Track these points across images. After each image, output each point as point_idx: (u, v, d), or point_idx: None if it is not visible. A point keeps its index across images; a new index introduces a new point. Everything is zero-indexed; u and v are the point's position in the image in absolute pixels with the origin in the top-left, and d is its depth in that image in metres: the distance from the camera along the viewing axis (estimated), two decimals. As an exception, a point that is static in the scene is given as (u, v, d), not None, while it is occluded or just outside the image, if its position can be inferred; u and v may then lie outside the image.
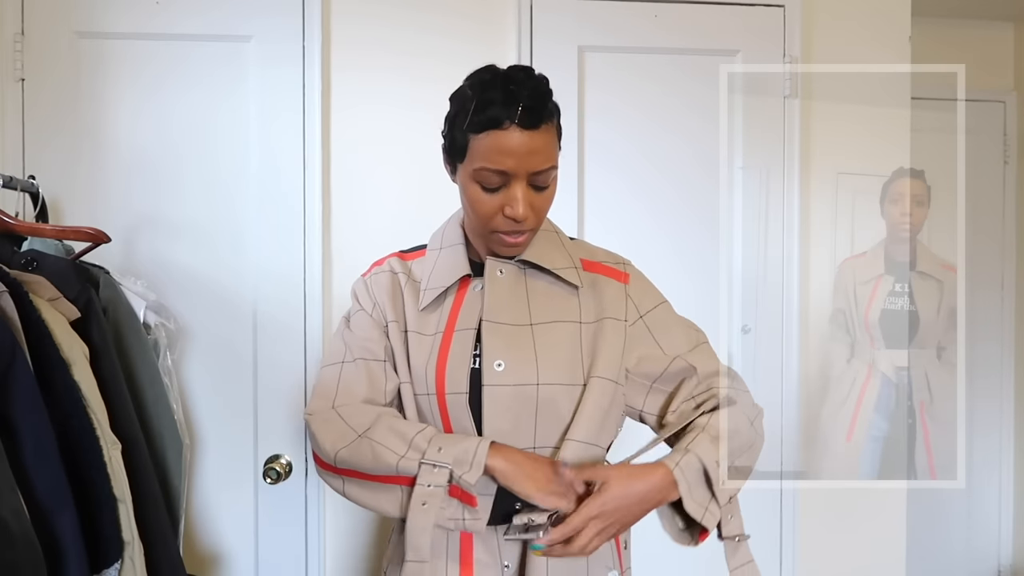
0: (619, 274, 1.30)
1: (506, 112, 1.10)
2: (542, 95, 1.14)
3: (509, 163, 1.12)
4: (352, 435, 1.17)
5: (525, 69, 1.16)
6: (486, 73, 1.16)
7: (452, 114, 1.19)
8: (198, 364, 1.85)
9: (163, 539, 1.33)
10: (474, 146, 1.14)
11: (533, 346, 1.20)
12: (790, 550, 2.05)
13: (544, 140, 1.13)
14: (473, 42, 1.93)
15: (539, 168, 1.14)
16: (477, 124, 1.12)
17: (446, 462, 1.11)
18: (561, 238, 1.31)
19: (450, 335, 1.21)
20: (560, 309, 1.24)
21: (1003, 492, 3.10)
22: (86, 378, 1.20)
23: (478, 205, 1.17)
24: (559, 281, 1.25)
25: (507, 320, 1.21)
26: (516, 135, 1.11)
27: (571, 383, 1.19)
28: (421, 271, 1.29)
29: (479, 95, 1.13)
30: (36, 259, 1.34)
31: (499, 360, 1.18)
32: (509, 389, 1.17)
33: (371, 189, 1.91)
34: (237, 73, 1.86)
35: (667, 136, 1.99)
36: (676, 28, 1.98)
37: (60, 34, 1.81)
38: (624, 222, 1.98)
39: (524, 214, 1.15)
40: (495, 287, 1.23)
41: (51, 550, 1.06)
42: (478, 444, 1.13)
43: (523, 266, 1.26)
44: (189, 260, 1.85)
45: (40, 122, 1.81)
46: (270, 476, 1.80)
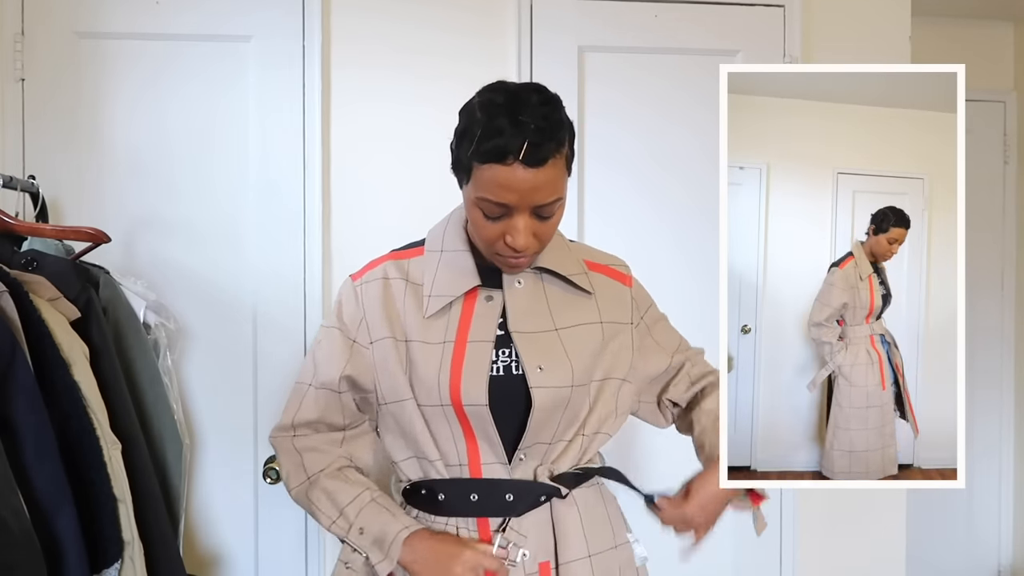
0: (623, 277, 1.34)
1: (511, 146, 1.07)
2: (552, 126, 1.09)
3: (511, 198, 1.10)
4: (303, 476, 1.25)
5: (538, 91, 1.13)
6: (498, 94, 1.12)
7: (459, 131, 1.15)
8: (198, 364, 1.85)
9: (163, 539, 1.33)
10: (477, 174, 1.11)
11: (564, 351, 1.22)
12: (790, 550, 2.05)
13: (550, 176, 1.10)
14: (473, 37, 1.93)
15: (543, 202, 1.12)
16: (481, 154, 1.09)
17: (363, 547, 1.18)
18: (564, 241, 1.31)
19: (463, 346, 1.20)
20: (580, 312, 1.26)
21: (1003, 492, 3.10)
22: (86, 378, 1.20)
23: (480, 230, 1.16)
24: (574, 286, 1.26)
25: (533, 328, 1.22)
26: (520, 172, 1.08)
27: (591, 381, 1.25)
28: (421, 273, 1.25)
29: (486, 122, 1.09)
30: (36, 259, 1.34)
31: (540, 364, 1.19)
32: (551, 391, 1.19)
33: (371, 188, 1.91)
34: (237, 72, 1.86)
35: (667, 135, 1.99)
36: (676, 28, 1.98)
37: (60, 34, 1.81)
38: (624, 222, 1.99)
39: (524, 245, 1.13)
40: (515, 299, 1.23)
41: (51, 550, 1.06)
42: (396, 534, 1.17)
43: (539, 272, 1.26)
44: (189, 260, 1.85)
45: (40, 122, 1.81)
46: (270, 476, 1.80)
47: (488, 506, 1.21)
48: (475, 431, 1.20)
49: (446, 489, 1.23)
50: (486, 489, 1.21)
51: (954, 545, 3.06)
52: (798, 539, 2.05)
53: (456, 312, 1.22)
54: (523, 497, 1.21)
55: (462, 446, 1.21)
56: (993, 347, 3.04)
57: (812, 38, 2.05)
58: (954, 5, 2.86)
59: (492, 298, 1.23)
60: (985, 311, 3.00)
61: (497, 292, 1.23)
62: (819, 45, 2.06)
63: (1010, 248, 3.06)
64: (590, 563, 1.22)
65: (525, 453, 1.21)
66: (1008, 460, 3.09)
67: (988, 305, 3.02)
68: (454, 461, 1.22)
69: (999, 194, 3.05)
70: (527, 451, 1.21)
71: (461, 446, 1.21)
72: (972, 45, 2.99)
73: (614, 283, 1.32)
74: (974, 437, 2.96)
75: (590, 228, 1.98)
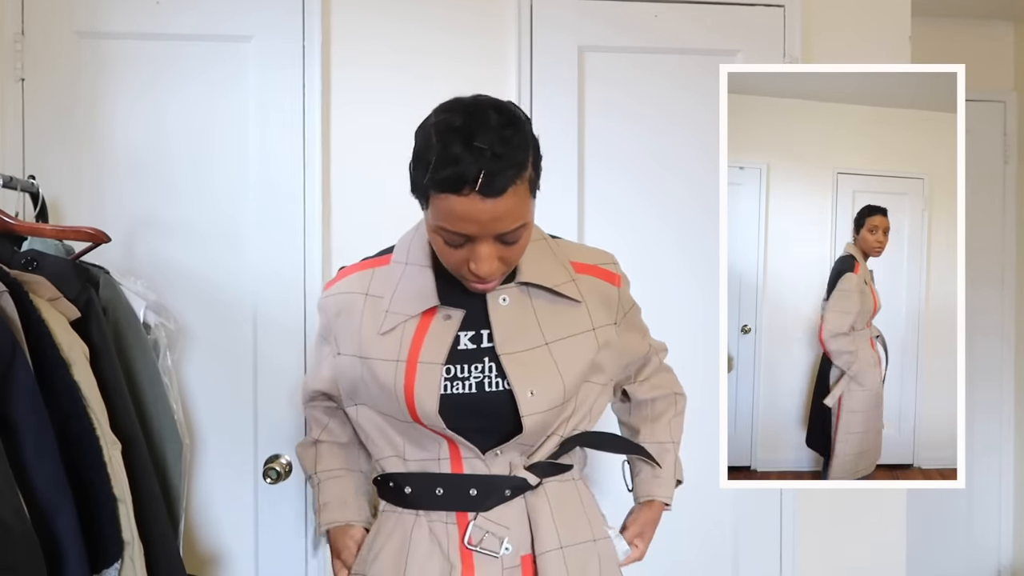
0: (612, 276, 1.31)
1: (467, 176, 1.01)
2: (511, 151, 1.03)
3: (471, 229, 1.06)
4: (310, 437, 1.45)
5: (497, 109, 1.06)
6: (455, 116, 1.05)
7: (415, 154, 1.11)
8: (198, 364, 1.85)
9: (163, 539, 1.33)
10: (434, 203, 1.07)
11: (556, 366, 1.20)
12: (790, 550, 2.05)
13: (509, 204, 1.04)
14: (474, 37, 1.93)
15: (505, 231, 1.07)
16: (437, 184, 1.04)
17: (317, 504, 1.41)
18: (549, 244, 1.27)
19: (414, 367, 1.18)
20: (571, 322, 1.24)
21: (1003, 492, 3.10)
22: (86, 378, 1.20)
23: (443, 256, 1.13)
24: (562, 296, 1.24)
25: (522, 347, 1.20)
26: (477, 204, 1.02)
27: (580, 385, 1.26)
28: (383, 285, 1.24)
29: (440, 149, 1.03)
30: (36, 259, 1.34)
31: (531, 388, 1.18)
32: (542, 416, 1.19)
33: (371, 188, 1.91)
34: (237, 72, 1.86)
35: (668, 135, 1.99)
36: (676, 28, 1.98)
37: (60, 34, 1.81)
38: (625, 222, 1.99)
39: (489, 272, 1.10)
40: (501, 317, 1.20)
41: (51, 550, 1.06)
42: (321, 522, 1.39)
43: (525, 287, 1.23)
44: (189, 260, 1.85)
45: (40, 122, 1.81)
46: (270, 476, 1.80)
47: (453, 500, 1.21)
48: (449, 437, 1.21)
49: (412, 483, 1.24)
50: (450, 483, 1.22)
51: (954, 545, 3.06)
52: (798, 539, 2.05)
53: (410, 330, 1.20)
54: (488, 492, 1.21)
55: (443, 445, 1.23)
56: (993, 347, 3.04)
57: (812, 38, 2.05)
58: (954, 5, 2.86)
59: (450, 317, 1.20)
60: (985, 310, 3.00)
61: (457, 312, 1.20)
62: (819, 45, 2.06)
63: (1010, 248, 3.06)
64: (562, 554, 1.21)
65: (501, 449, 1.21)
66: (1008, 460, 3.09)
67: (988, 304, 3.02)
68: (433, 455, 1.23)
69: (999, 194, 3.05)
70: (504, 448, 1.21)
71: (443, 446, 1.23)
72: (972, 45, 2.99)
73: (602, 284, 1.28)
74: (974, 437, 2.96)
75: (590, 228, 1.98)
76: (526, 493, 1.22)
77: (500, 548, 1.19)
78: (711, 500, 1.99)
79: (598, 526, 1.30)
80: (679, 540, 1.97)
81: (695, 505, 2.00)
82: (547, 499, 1.23)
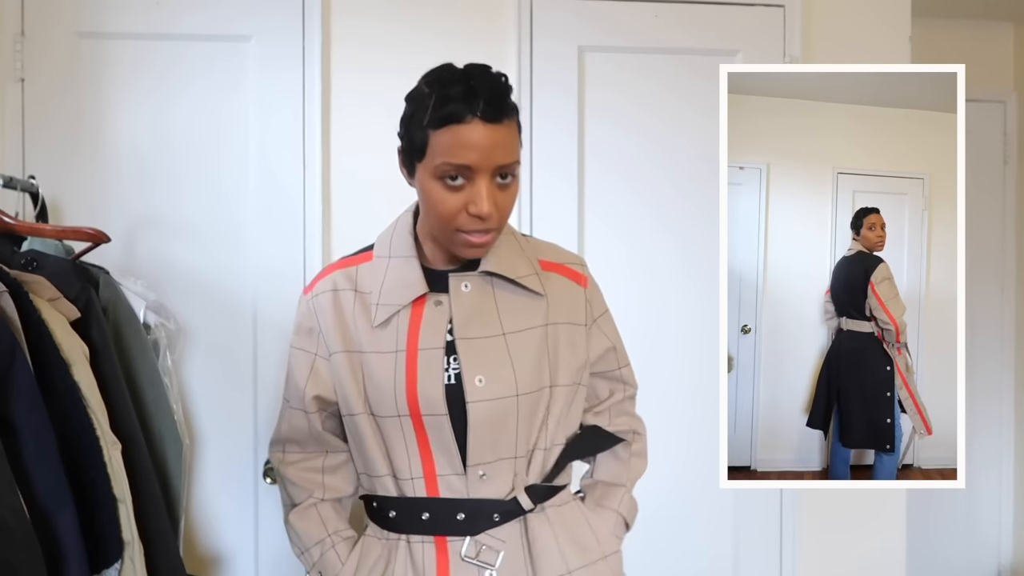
0: (579, 276, 1.30)
1: (468, 106, 1.08)
2: (503, 91, 1.12)
3: (472, 157, 1.09)
4: (287, 505, 1.34)
5: (483, 67, 1.14)
6: (444, 71, 1.14)
7: (409, 113, 1.16)
8: (198, 364, 1.85)
9: (163, 539, 1.32)
10: (434, 142, 1.11)
11: (509, 357, 1.19)
12: (790, 550, 2.05)
13: (507, 134, 1.12)
14: (474, 38, 1.93)
15: (503, 162, 1.11)
16: (438, 120, 1.10)
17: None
18: (517, 239, 1.28)
19: (415, 354, 1.18)
20: (529, 316, 1.23)
21: (1003, 492, 3.10)
22: (86, 378, 1.19)
23: (440, 205, 1.13)
24: (524, 288, 1.23)
25: (479, 334, 1.19)
26: (479, 129, 1.09)
27: (541, 387, 1.22)
28: (370, 281, 1.24)
29: (438, 91, 1.11)
30: (36, 259, 1.34)
31: (479, 376, 1.17)
32: (490, 404, 1.17)
33: (371, 188, 1.91)
34: (237, 72, 1.86)
35: (668, 135, 1.99)
36: (676, 28, 1.98)
37: (60, 34, 1.81)
38: (624, 222, 1.99)
39: (489, 211, 1.11)
40: (461, 303, 1.20)
41: (51, 550, 1.05)
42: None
43: (487, 276, 1.22)
44: (189, 260, 1.85)
45: (40, 122, 1.81)
46: (270, 476, 1.80)
47: (440, 525, 1.19)
48: (431, 441, 1.19)
49: (397, 507, 1.22)
50: (437, 508, 1.19)
51: (954, 545, 3.06)
52: (798, 539, 2.05)
53: (405, 319, 1.20)
54: (476, 516, 1.19)
55: (416, 459, 1.19)
56: (993, 346, 3.04)
57: (812, 38, 2.05)
58: (954, 5, 2.86)
59: (441, 303, 1.20)
60: (985, 310, 3.00)
61: (445, 297, 1.21)
62: (819, 45, 2.06)
63: (1010, 248, 3.06)
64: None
65: (485, 470, 1.18)
66: (1008, 460, 3.09)
67: (988, 304, 3.02)
68: (406, 475, 1.20)
69: (999, 194, 3.05)
70: (488, 468, 1.18)
71: (415, 459, 1.19)
72: (972, 45, 2.99)
73: (568, 283, 1.28)
74: (974, 437, 2.96)
75: (590, 228, 1.98)
76: (525, 517, 1.21)
77: (496, 559, 1.18)
78: (711, 500, 1.99)
79: (606, 542, 1.28)
80: (679, 540, 1.97)
81: (695, 505, 2.01)
82: (550, 524, 1.22)
